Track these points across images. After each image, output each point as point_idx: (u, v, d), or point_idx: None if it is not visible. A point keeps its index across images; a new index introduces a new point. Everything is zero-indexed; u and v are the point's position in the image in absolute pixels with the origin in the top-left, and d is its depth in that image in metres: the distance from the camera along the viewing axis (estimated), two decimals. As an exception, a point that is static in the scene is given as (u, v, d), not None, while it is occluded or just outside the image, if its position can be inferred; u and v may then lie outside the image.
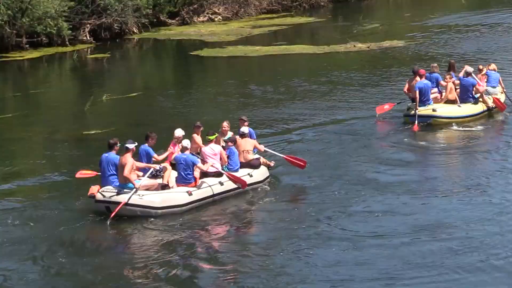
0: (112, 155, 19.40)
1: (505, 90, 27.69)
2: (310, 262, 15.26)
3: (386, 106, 27.40)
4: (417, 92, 25.90)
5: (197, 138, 20.71)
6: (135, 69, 41.84)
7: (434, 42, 41.76)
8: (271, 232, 17.43)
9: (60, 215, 18.99)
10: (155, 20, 49.05)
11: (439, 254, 15.32)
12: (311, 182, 20.62)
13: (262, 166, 21.01)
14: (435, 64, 28.09)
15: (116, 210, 18.35)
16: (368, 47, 40.74)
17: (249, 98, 30.83)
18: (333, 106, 28.41)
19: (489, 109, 26.91)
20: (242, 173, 20.26)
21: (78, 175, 20.67)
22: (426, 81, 26.41)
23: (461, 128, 26.01)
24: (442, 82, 26.95)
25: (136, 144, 19.32)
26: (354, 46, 41.11)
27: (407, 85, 27.07)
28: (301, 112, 27.35)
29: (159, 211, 18.89)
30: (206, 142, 20.23)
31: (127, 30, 46.71)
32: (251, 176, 20.41)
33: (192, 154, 19.76)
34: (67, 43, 43.70)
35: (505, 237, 16.03)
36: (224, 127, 21.20)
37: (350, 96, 30.08)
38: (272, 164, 21.17)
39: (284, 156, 21.44)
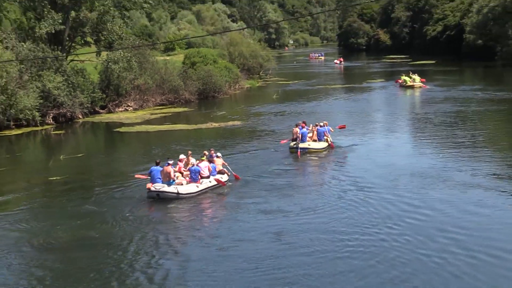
0: (158, 167, 21.81)
1: (329, 136, 30.17)
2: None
3: (284, 141, 30.19)
4: (301, 135, 28.97)
5: (191, 159, 23.43)
6: (80, 140, 41.00)
7: (258, 122, 41.94)
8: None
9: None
10: (92, 110, 48.73)
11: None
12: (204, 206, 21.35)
13: (225, 174, 23.67)
14: (304, 121, 30.74)
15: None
16: (219, 125, 40.83)
17: (150, 156, 30.52)
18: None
19: (329, 145, 29.82)
20: (218, 176, 23.08)
21: (136, 175, 23.03)
22: (305, 130, 29.53)
23: (315, 160, 27.52)
24: (310, 130, 29.93)
25: (172, 161, 22.06)
26: (212, 125, 41.23)
27: (294, 131, 29.50)
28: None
29: (185, 195, 21.44)
30: (199, 160, 23.10)
31: (75, 116, 46.41)
32: (222, 178, 23.09)
33: (197, 166, 22.55)
34: (38, 124, 43.32)
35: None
36: (206, 154, 23.84)
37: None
38: (228, 174, 23.64)
39: (234, 174, 23.75)
